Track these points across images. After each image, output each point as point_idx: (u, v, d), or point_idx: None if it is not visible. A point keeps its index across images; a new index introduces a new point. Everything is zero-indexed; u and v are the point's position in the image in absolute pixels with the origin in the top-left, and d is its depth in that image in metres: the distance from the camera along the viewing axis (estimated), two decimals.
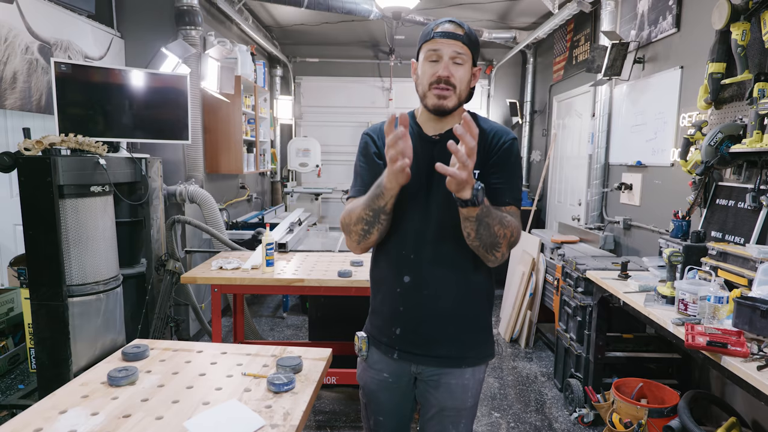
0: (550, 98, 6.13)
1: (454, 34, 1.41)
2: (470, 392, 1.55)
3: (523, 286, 4.35)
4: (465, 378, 1.54)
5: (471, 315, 1.54)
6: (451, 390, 1.54)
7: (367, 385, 1.65)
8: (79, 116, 3.11)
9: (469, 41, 1.43)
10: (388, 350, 1.57)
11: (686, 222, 2.94)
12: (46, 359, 2.55)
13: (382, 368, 1.60)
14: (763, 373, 1.61)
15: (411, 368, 1.56)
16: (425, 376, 1.56)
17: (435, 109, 1.45)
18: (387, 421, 1.65)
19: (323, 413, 3.17)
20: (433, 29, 1.43)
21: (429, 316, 1.50)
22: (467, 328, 1.54)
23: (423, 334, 1.52)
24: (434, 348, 1.52)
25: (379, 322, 1.60)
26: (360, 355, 1.65)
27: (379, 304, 1.60)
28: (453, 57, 1.41)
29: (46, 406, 1.36)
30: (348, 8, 4.95)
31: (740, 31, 2.53)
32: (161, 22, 4.09)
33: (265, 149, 6.21)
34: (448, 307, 1.50)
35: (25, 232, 2.47)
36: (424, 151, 1.48)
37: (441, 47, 1.41)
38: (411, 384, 1.60)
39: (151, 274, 3.39)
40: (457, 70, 1.42)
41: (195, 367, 1.64)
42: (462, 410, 1.56)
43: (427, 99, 1.45)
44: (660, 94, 3.55)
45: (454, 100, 1.43)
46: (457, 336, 1.52)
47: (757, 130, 2.41)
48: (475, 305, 1.55)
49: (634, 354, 3.09)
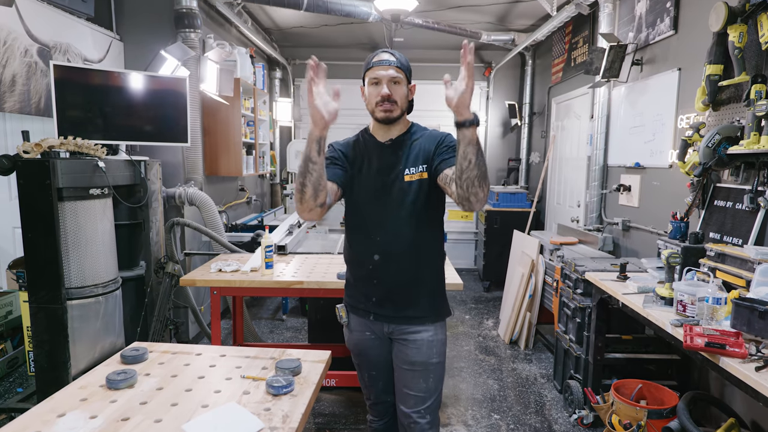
0: (549, 100, 6.14)
1: (389, 61, 1.77)
2: (435, 349, 1.87)
3: (523, 288, 4.36)
4: (428, 335, 1.86)
5: (428, 283, 1.90)
6: (417, 346, 1.85)
7: (355, 347, 1.99)
8: (78, 119, 3.11)
9: (401, 65, 1.79)
10: (365, 314, 1.92)
11: (684, 223, 2.94)
12: (45, 362, 2.55)
13: (363, 328, 1.94)
14: (762, 374, 1.61)
15: (384, 328, 1.89)
16: (396, 335, 1.89)
17: (384, 120, 1.81)
18: (378, 374, 1.99)
19: (323, 415, 3.17)
20: (372, 60, 1.79)
21: (397, 285, 1.86)
22: (426, 294, 1.89)
23: (393, 300, 1.86)
24: (402, 310, 1.86)
25: (357, 293, 1.94)
26: (342, 322, 2.00)
27: (354, 279, 1.96)
28: (390, 79, 1.76)
29: (45, 409, 1.36)
30: (347, 11, 4.95)
31: (737, 33, 2.54)
32: (160, 25, 4.10)
33: (265, 151, 6.21)
34: (410, 277, 1.85)
35: (24, 234, 2.47)
36: (379, 153, 1.86)
37: (380, 73, 1.77)
38: (388, 342, 1.93)
39: (150, 277, 3.39)
40: (395, 89, 1.78)
41: (194, 369, 1.64)
42: (429, 364, 1.86)
43: (376, 114, 1.81)
44: (658, 96, 3.56)
45: (397, 111, 1.80)
46: (419, 300, 1.87)
47: (754, 132, 2.41)
48: (430, 275, 1.91)
49: (634, 355, 3.09)
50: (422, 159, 1.82)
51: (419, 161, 1.82)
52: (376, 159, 1.86)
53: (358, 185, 1.87)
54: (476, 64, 7.21)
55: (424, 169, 1.81)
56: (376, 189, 1.84)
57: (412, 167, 1.81)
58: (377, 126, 1.88)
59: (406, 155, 1.84)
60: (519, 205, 6.10)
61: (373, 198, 1.85)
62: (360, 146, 1.91)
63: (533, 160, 6.79)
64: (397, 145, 1.86)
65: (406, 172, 1.81)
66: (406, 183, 1.81)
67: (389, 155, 1.85)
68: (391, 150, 1.85)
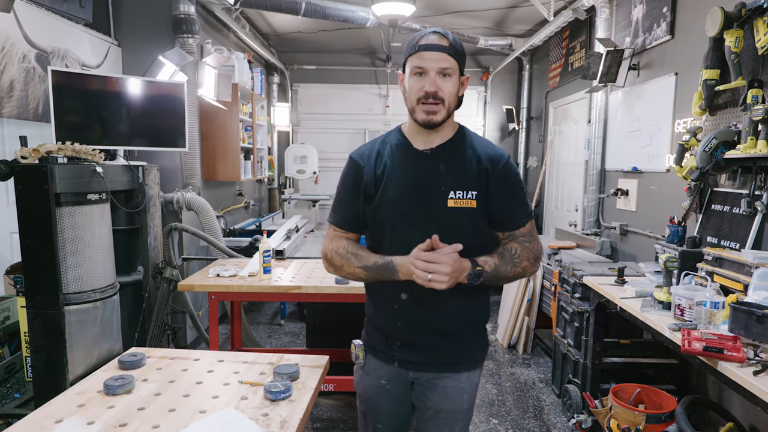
0: (546, 105, 6.16)
1: (439, 45, 1.38)
2: (466, 395, 1.57)
3: (521, 292, 4.36)
4: (461, 381, 1.55)
5: (470, 332, 1.57)
6: (447, 392, 1.55)
7: (364, 393, 1.65)
8: (76, 124, 3.11)
9: (455, 52, 1.40)
10: (387, 358, 1.58)
11: (682, 227, 2.95)
12: (43, 368, 2.53)
13: (380, 375, 1.60)
14: (759, 378, 1.61)
15: (408, 374, 1.58)
16: (422, 381, 1.57)
17: (424, 124, 1.42)
18: (385, 427, 1.66)
19: (321, 420, 3.16)
20: (417, 42, 1.40)
21: (427, 333, 1.52)
22: (466, 342, 1.56)
23: (422, 347, 1.53)
24: (433, 357, 1.54)
25: (378, 334, 1.60)
26: (357, 363, 1.65)
27: (376, 318, 1.61)
28: (439, 71, 1.38)
29: (42, 415, 1.35)
30: (344, 16, 4.97)
31: (734, 38, 2.55)
32: (158, 31, 4.11)
33: (263, 156, 6.22)
34: (447, 324, 1.52)
35: (21, 240, 2.47)
36: (415, 165, 1.47)
37: (426, 61, 1.38)
38: (408, 388, 1.60)
39: (148, 282, 3.39)
40: (444, 84, 1.39)
41: (192, 375, 1.63)
42: (458, 412, 1.58)
43: (416, 114, 1.43)
44: (655, 101, 3.58)
45: (443, 113, 1.41)
46: (456, 347, 1.54)
47: (751, 136, 2.42)
48: (472, 321, 1.58)
49: (632, 359, 3.09)
50: (473, 181, 1.44)
51: (469, 183, 1.43)
52: (410, 173, 1.46)
53: (383, 206, 1.48)
54: (474, 69, 7.25)
55: (474, 196, 1.43)
56: (409, 213, 1.45)
57: (459, 190, 1.43)
58: (415, 129, 1.48)
59: (451, 171, 1.44)
60: None
61: (403, 223, 1.46)
62: (389, 156, 1.50)
63: (531, 164, 6.80)
64: (440, 157, 1.46)
65: (451, 196, 1.42)
66: (449, 210, 1.43)
67: (428, 169, 1.45)
68: (432, 162, 1.45)
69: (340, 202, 1.58)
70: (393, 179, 1.47)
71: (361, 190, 1.51)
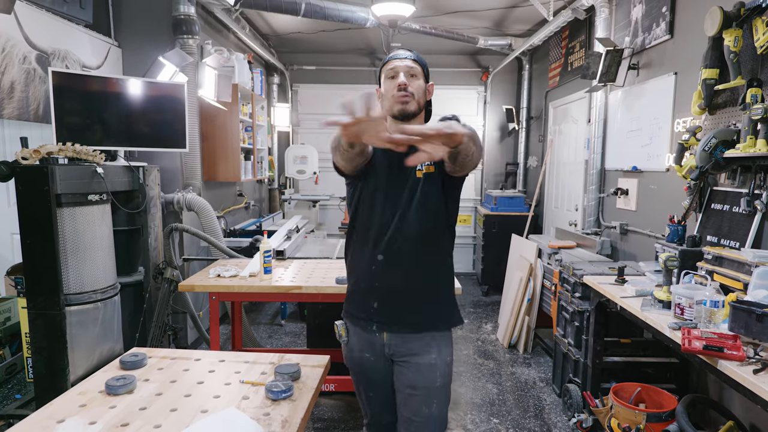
0: (546, 104, 6.16)
1: (405, 54, 1.76)
2: (438, 372, 1.74)
3: (521, 292, 4.36)
4: (432, 358, 1.73)
5: (436, 289, 1.78)
6: (420, 370, 1.73)
7: (353, 366, 1.87)
8: (76, 125, 3.12)
9: (419, 59, 1.77)
10: (367, 324, 1.78)
11: (682, 227, 2.95)
12: (44, 369, 2.54)
13: (362, 347, 1.80)
14: (759, 376, 1.62)
15: (385, 350, 1.76)
16: (397, 357, 1.76)
17: (400, 114, 1.72)
18: (376, 394, 1.87)
19: (322, 420, 3.17)
20: (388, 56, 1.79)
21: (401, 289, 1.74)
22: (433, 300, 1.78)
23: (397, 304, 1.74)
24: (406, 316, 1.74)
25: (357, 298, 1.82)
26: (341, 340, 1.86)
27: (356, 284, 1.84)
28: (407, 71, 1.73)
29: (44, 415, 1.36)
30: (344, 16, 4.97)
31: (733, 37, 2.56)
32: (158, 31, 4.11)
33: (263, 157, 6.22)
34: (417, 281, 1.74)
35: (22, 241, 2.47)
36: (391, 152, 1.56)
37: (396, 65, 1.74)
38: (388, 363, 1.80)
39: (149, 283, 3.39)
40: (412, 82, 1.73)
41: (193, 375, 1.64)
42: (432, 389, 1.73)
43: (393, 109, 1.73)
44: (654, 100, 3.58)
45: (414, 104, 1.73)
46: (425, 306, 1.76)
47: (750, 135, 2.43)
48: (439, 280, 1.80)
49: (632, 359, 3.09)
50: None
51: None
52: (386, 158, 1.74)
53: (368, 184, 1.78)
54: (473, 69, 7.25)
55: (430, 163, 1.71)
56: (387, 188, 1.75)
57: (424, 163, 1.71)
58: (392, 124, 1.76)
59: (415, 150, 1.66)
60: (517, 210, 6.11)
61: (382, 197, 1.75)
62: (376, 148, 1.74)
63: (531, 164, 6.81)
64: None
65: (419, 168, 1.72)
66: (417, 179, 1.72)
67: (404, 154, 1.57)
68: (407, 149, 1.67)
69: None
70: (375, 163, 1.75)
71: None
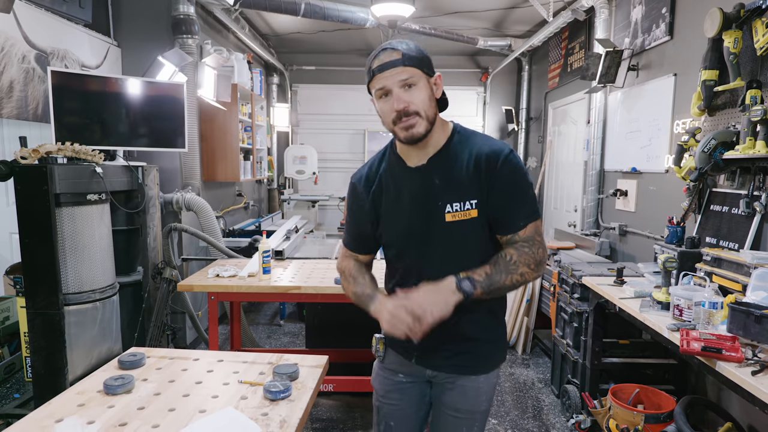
0: (546, 105, 6.17)
1: (391, 62, 1.33)
2: (484, 396, 1.56)
3: (520, 293, 4.36)
4: (479, 381, 1.54)
5: (487, 337, 1.54)
6: (465, 392, 1.54)
7: (381, 387, 1.65)
8: (75, 125, 3.11)
9: (411, 59, 1.34)
10: (406, 354, 1.58)
11: (681, 228, 2.96)
12: (42, 368, 2.54)
13: (397, 369, 1.61)
14: (758, 378, 1.62)
15: (426, 372, 1.58)
16: (440, 379, 1.57)
17: (408, 141, 1.38)
18: (398, 426, 1.64)
19: (320, 421, 3.16)
20: (371, 66, 1.37)
21: (446, 338, 1.49)
22: (484, 346, 1.55)
23: (441, 351, 1.52)
24: (452, 360, 1.53)
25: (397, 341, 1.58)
26: (377, 355, 1.65)
27: None
28: (401, 85, 1.33)
29: (42, 414, 1.35)
30: (344, 17, 4.98)
31: (732, 39, 2.56)
32: (158, 31, 4.11)
33: (262, 157, 6.22)
34: (465, 329, 1.49)
35: (21, 240, 2.47)
36: (410, 184, 1.45)
37: (385, 81, 1.34)
38: (425, 386, 1.61)
39: (148, 282, 3.39)
40: (411, 95, 1.34)
41: (191, 375, 1.63)
42: (476, 413, 1.57)
43: (397, 135, 1.39)
44: (654, 101, 3.58)
45: (423, 124, 1.35)
46: (475, 351, 1.53)
47: (749, 137, 2.43)
48: (490, 324, 1.55)
49: (631, 360, 3.09)
50: (472, 189, 1.37)
51: (467, 192, 1.38)
52: (407, 190, 1.44)
53: (388, 226, 1.50)
54: (473, 70, 7.26)
55: (474, 205, 1.37)
56: (410, 233, 1.45)
57: (456, 201, 1.38)
58: (405, 146, 1.44)
59: (447, 183, 1.39)
60: None
61: (408, 243, 1.47)
62: (385, 178, 1.49)
63: (530, 165, 6.81)
64: (433, 170, 1.41)
65: (448, 210, 1.38)
66: (448, 224, 1.39)
67: (422, 186, 1.41)
68: (425, 178, 1.41)
69: (348, 224, 1.66)
70: (390, 202, 1.48)
71: (365, 214, 1.54)
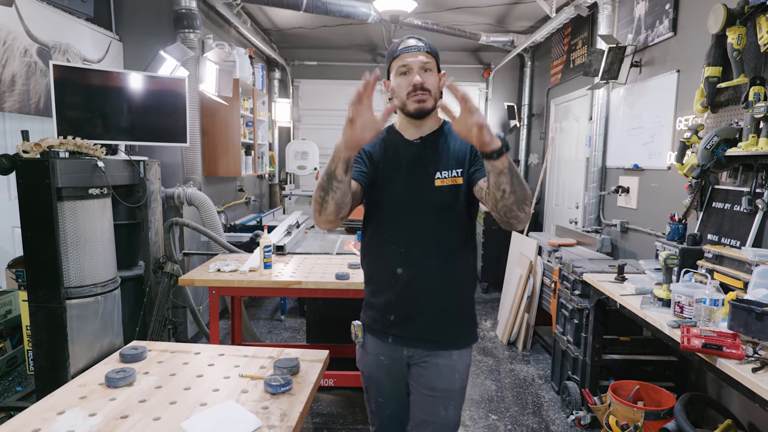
0: (548, 101, 6.15)
1: (417, 46, 1.57)
2: (458, 374, 1.66)
3: (521, 289, 4.36)
4: (452, 359, 1.65)
5: (458, 306, 1.68)
6: (440, 370, 1.64)
7: (366, 369, 1.77)
8: (77, 119, 3.11)
9: (431, 50, 1.59)
10: (382, 335, 1.69)
11: (683, 225, 2.95)
12: (44, 361, 2.55)
13: (378, 351, 1.72)
14: (758, 375, 1.62)
15: (404, 351, 1.67)
16: (416, 359, 1.67)
17: (417, 113, 1.57)
18: (387, 402, 1.77)
19: (321, 415, 3.17)
20: (398, 47, 1.60)
21: (420, 306, 1.63)
22: (454, 317, 1.67)
23: (415, 321, 1.64)
24: (425, 333, 1.64)
25: (373, 312, 1.71)
26: (357, 341, 1.77)
27: (373, 295, 1.72)
28: (421, 66, 1.56)
29: (45, 407, 1.36)
30: (346, 12, 4.96)
31: (736, 35, 2.55)
32: (160, 26, 4.10)
33: (263, 152, 6.22)
34: (437, 298, 1.63)
35: (23, 234, 2.47)
36: (409, 154, 1.64)
37: (409, 60, 1.56)
38: (404, 366, 1.70)
39: (149, 277, 3.39)
40: (427, 77, 1.56)
41: (192, 368, 1.64)
42: (451, 391, 1.66)
43: (407, 107, 1.58)
44: (657, 98, 3.57)
45: (431, 101, 1.57)
46: (446, 323, 1.65)
47: (752, 134, 2.42)
48: (461, 297, 1.69)
49: (631, 356, 3.09)
50: (457, 161, 1.60)
51: (453, 164, 1.60)
52: (404, 160, 1.63)
53: (381, 189, 1.64)
54: (475, 66, 7.24)
55: (458, 174, 1.59)
56: (402, 195, 1.61)
57: (444, 170, 1.59)
58: (406, 122, 1.65)
59: (437, 156, 1.61)
60: None
61: (398, 205, 1.62)
62: (386, 145, 1.68)
63: (532, 161, 6.80)
64: (428, 144, 1.64)
65: (437, 176, 1.59)
66: (437, 188, 1.58)
67: (418, 156, 1.63)
68: (421, 149, 1.63)
69: None
70: (387, 165, 1.65)
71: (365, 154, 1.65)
